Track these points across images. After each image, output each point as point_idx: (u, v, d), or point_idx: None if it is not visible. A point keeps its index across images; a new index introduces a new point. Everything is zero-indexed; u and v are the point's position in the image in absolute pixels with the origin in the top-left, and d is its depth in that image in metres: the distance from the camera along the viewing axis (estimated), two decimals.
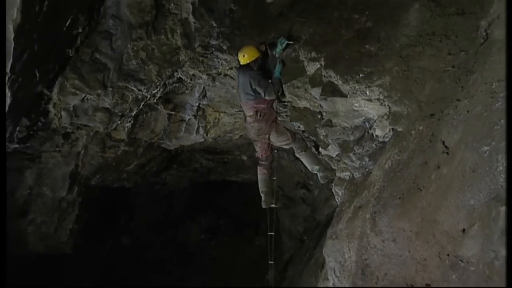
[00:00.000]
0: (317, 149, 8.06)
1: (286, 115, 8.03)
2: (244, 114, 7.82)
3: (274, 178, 8.38)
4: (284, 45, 7.27)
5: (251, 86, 7.26)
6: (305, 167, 8.52)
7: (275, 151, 8.43)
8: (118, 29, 7.95)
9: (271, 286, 8.36)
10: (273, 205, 8.62)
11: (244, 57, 7.28)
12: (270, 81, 7.34)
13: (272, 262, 8.39)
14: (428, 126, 5.46)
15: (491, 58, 4.94)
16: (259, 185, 8.43)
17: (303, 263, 11.67)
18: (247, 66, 7.31)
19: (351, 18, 6.95)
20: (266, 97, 7.32)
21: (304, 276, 10.76)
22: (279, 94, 7.47)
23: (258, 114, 7.42)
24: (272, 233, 8.51)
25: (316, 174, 8.21)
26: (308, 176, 11.78)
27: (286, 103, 7.88)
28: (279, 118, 7.95)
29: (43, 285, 12.89)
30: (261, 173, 8.25)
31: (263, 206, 8.61)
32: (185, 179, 14.05)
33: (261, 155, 8.12)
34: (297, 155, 8.06)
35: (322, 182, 8.30)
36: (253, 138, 7.92)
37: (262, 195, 8.51)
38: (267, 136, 7.64)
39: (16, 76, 7.04)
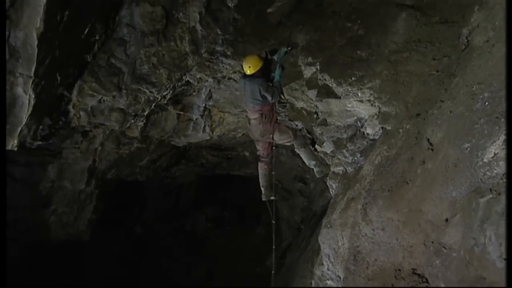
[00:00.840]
0: (313, 146, 8.05)
1: (285, 115, 8.05)
2: (247, 117, 7.78)
3: (273, 173, 8.36)
4: (284, 53, 7.27)
5: (260, 93, 7.22)
6: (302, 162, 8.52)
7: (274, 147, 8.40)
8: (131, 37, 7.96)
9: (272, 270, 8.33)
10: (272, 198, 8.55)
11: (250, 68, 7.20)
12: (271, 84, 7.35)
13: (274, 247, 8.36)
14: (414, 125, 5.47)
15: (471, 63, 4.95)
16: (260, 180, 8.42)
17: (300, 250, 11.67)
18: (252, 75, 7.29)
19: (344, 27, 6.95)
20: (273, 100, 7.33)
21: (301, 261, 10.76)
22: (282, 92, 7.47)
23: (263, 116, 7.40)
24: (273, 222, 8.50)
25: (313, 169, 8.21)
26: (305, 171, 11.79)
27: (285, 104, 7.89)
28: (278, 118, 7.94)
29: (64, 269, 12.93)
30: (261, 169, 8.24)
31: (263, 199, 8.60)
32: (192, 173, 14.05)
33: (263, 153, 8.11)
34: (296, 150, 8.05)
35: (318, 176, 8.29)
36: (257, 138, 7.88)
37: (262, 189, 8.51)
38: (271, 136, 7.63)
39: (39, 80, 7.06)
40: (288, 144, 7.94)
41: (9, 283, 11.42)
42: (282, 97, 7.74)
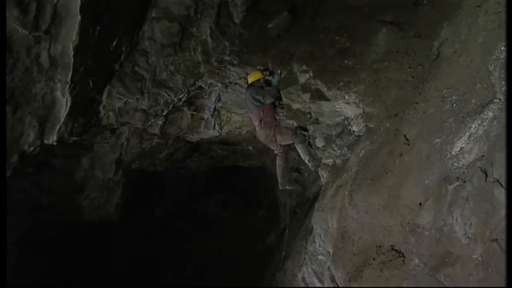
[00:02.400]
0: (309, 144, 8.02)
1: (283, 115, 8.03)
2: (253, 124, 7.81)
3: (284, 165, 8.24)
4: (278, 78, 7.34)
5: (253, 97, 7.26)
6: (298, 155, 8.45)
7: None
8: (152, 48, 7.95)
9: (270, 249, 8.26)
10: (287, 187, 8.49)
11: (250, 78, 7.42)
12: (269, 88, 7.37)
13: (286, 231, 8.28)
14: (393, 123, 5.47)
15: (441, 71, 4.95)
16: (277, 172, 8.32)
17: (296, 229, 11.65)
18: (251, 84, 7.33)
19: (334, 39, 6.94)
20: (266, 101, 7.32)
21: (296, 239, 10.75)
22: (277, 98, 7.45)
23: (262, 122, 7.39)
24: (288, 210, 8.37)
25: (308, 162, 8.19)
26: (300, 162, 11.77)
27: (283, 105, 7.88)
28: (278, 118, 7.92)
29: (96, 245, 13.00)
30: (279, 163, 8.11)
31: (280, 188, 8.53)
32: (204, 165, 14.01)
33: (277, 152, 8.04)
34: (295, 146, 8.02)
35: (312, 169, 8.27)
36: (264, 142, 7.85)
37: (279, 179, 8.37)
38: (274, 138, 7.61)
39: (75, 85, 7.07)
40: (291, 142, 7.88)
41: (47, 260, 11.52)
42: (280, 99, 7.73)
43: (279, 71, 7.39)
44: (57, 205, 10.69)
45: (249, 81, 7.46)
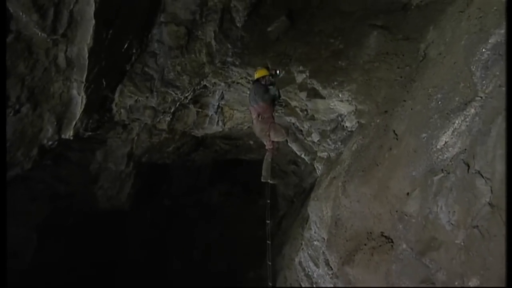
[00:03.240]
0: (305, 138, 8.00)
1: (282, 112, 8.03)
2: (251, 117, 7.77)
3: (270, 160, 8.19)
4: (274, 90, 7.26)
5: (254, 94, 7.25)
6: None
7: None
8: (161, 50, 7.95)
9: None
10: (269, 181, 8.25)
11: (256, 74, 7.25)
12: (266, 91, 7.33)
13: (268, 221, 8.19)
14: (383, 120, 5.48)
15: (427, 71, 4.96)
16: (263, 165, 8.27)
17: (293, 217, 11.69)
18: (257, 80, 7.28)
19: (328, 42, 6.95)
20: (261, 103, 7.24)
21: (293, 227, 10.79)
22: (275, 99, 7.40)
23: (260, 116, 7.34)
24: (268, 201, 8.32)
25: (304, 157, 8.17)
26: (297, 155, 11.79)
27: (282, 103, 7.87)
28: (277, 114, 7.88)
29: (108, 232, 13.02)
30: (267, 157, 8.01)
31: (262, 180, 8.40)
32: (208, 158, 14.01)
33: (268, 147, 7.98)
34: (289, 144, 7.99)
35: (309, 162, 8.26)
36: (259, 136, 7.78)
37: (263, 171, 8.21)
38: (268, 134, 7.56)
39: (89, 84, 7.09)
40: (282, 140, 7.81)
41: (64, 245, 11.56)
42: (279, 99, 7.71)
43: (278, 71, 7.34)
44: (74, 195, 10.73)
45: (255, 77, 7.37)
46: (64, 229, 11.59)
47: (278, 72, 7.32)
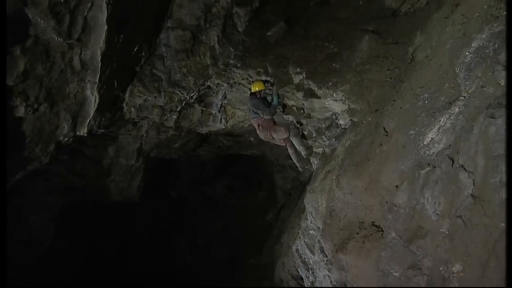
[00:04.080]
0: (303, 136, 7.97)
1: (281, 110, 8.03)
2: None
3: (294, 151, 7.97)
4: (276, 99, 7.30)
5: (254, 109, 7.23)
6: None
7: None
8: (168, 53, 7.95)
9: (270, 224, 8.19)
10: (306, 167, 8.24)
11: (253, 87, 7.34)
12: (269, 103, 7.34)
13: None
14: (374, 118, 5.48)
15: (415, 72, 4.97)
16: (293, 159, 8.20)
17: (291, 208, 11.74)
18: (254, 94, 7.29)
19: (324, 46, 6.93)
20: (264, 117, 7.31)
21: (291, 217, 10.83)
22: (273, 115, 7.40)
23: (260, 126, 7.40)
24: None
25: (302, 151, 8.14)
26: None
27: (280, 102, 7.86)
28: (277, 112, 7.82)
29: (121, 220, 13.09)
30: (290, 151, 7.97)
31: (300, 170, 8.49)
32: (212, 153, 14.00)
33: (284, 145, 7.90)
34: (291, 138, 7.97)
35: (305, 157, 8.24)
36: (265, 140, 7.76)
37: (296, 163, 8.21)
38: (271, 137, 7.57)
39: (102, 84, 7.11)
40: (285, 137, 7.77)
41: (79, 233, 11.61)
42: (280, 110, 7.73)
43: (277, 94, 7.36)
44: (88, 187, 10.76)
45: (252, 90, 7.42)
46: (79, 218, 11.66)
47: (276, 93, 7.32)
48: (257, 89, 7.29)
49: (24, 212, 9.93)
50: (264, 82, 7.49)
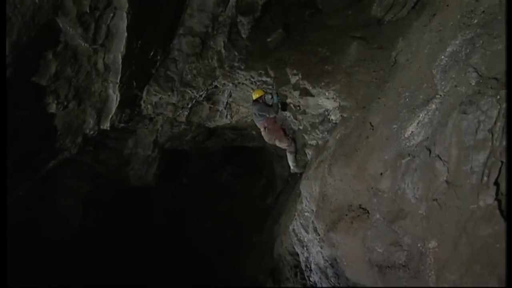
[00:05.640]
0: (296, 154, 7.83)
1: (280, 108, 8.02)
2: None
3: (291, 155, 7.82)
4: (276, 98, 7.24)
5: (259, 113, 7.14)
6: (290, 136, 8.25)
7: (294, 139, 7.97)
8: (180, 57, 7.93)
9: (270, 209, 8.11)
10: (297, 172, 8.06)
11: (254, 95, 7.24)
12: (271, 104, 7.26)
13: None
14: (361, 114, 5.50)
15: (398, 74, 4.98)
16: (288, 161, 8.04)
17: (288, 193, 11.73)
18: (256, 100, 7.22)
19: (317, 50, 6.93)
20: (270, 116, 7.18)
21: (288, 201, 10.84)
22: (277, 112, 7.33)
23: (266, 129, 7.24)
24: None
25: (292, 167, 8.02)
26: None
27: (280, 100, 7.84)
28: (280, 125, 7.69)
29: (139, 203, 13.17)
30: (288, 154, 7.86)
31: (292, 172, 8.30)
32: (219, 145, 13.98)
33: (285, 147, 7.80)
34: (287, 153, 7.83)
35: (292, 172, 8.07)
36: (268, 142, 7.61)
37: (291, 166, 8.03)
38: (274, 141, 7.46)
39: (122, 84, 7.12)
40: (283, 147, 7.64)
41: (103, 215, 11.69)
42: (281, 110, 7.67)
43: (276, 93, 7.32)
44: (111, 174, 10.78)
45: (254, 98, 7.30)
46: (104, 201, 11.72)
47: (275, 94, 7.27)
48: (257, 95, 7.22)
49: (56, 196, 10.01)
50: (263, 89, 7.44)
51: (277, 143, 7.48)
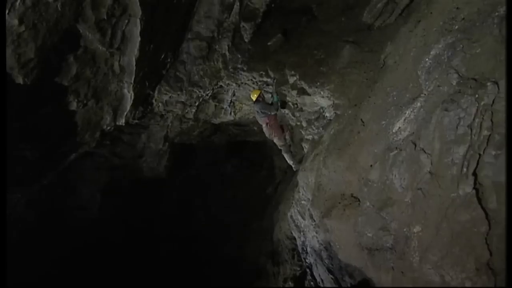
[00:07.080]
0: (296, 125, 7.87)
1: (279, 105, 8.01)
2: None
3: (286, 152, 7.82)
4: (276, 97, 7.16)
5: (261, 111, 7.00)
6: (288, 132, 8.24)
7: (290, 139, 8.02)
8: (188, 59, 7.92)
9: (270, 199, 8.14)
10: (294, 167, 8.03)
11: (253, 95, 7.10)
12: (271, 103, 7.17)
13: None
14: (353, 111, 5.51)
15: (386, 75, 4.98)
16: (286, 158, 8.06)
17: (286, 183, 11.75)
18: (257, 99, 7.07)
19: (313, 53, 6.91)
20: (272, 113, 7.02)
21: (287, 190, 10.86)
22: (278, 109, 7.21)
23: (268, 125, 7.12)
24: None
25: (292, 165, 8.06)
26: (291, 138, 11.80)
27: (279, 98, 7.81)
28: (280, 124, 7.59)
29: (152, 193, 13.22)
30: (283, 152, 7.85)
31: (294, 169, 8.23)
32: (223, 139, 13.93)
33: (281, 144, 7.60)
34: (282, 153, 7.83)
35: (294, 170, 8.10)
36: (268, 137, 7.52)
37: (288, 161, 8.03)
38: (273, 138, 7.38)
39: (136, 84, 7.14)
40: (278, 145, 7.60)
41: (119, 202, 11.75)
42: (282, 107, 7.61)
43: (276, 93, 7.25)
44: (126, 166, 10.80)
45: (253, 98, 7.13)
46: (119, 191, 11.76)
47: (275, 93, 7.20)
48: (255, 95, 7.10)
49: (77, 185, 10.05)
50: (261, 90, 7.35)
51: (275, 140, 7.48)
